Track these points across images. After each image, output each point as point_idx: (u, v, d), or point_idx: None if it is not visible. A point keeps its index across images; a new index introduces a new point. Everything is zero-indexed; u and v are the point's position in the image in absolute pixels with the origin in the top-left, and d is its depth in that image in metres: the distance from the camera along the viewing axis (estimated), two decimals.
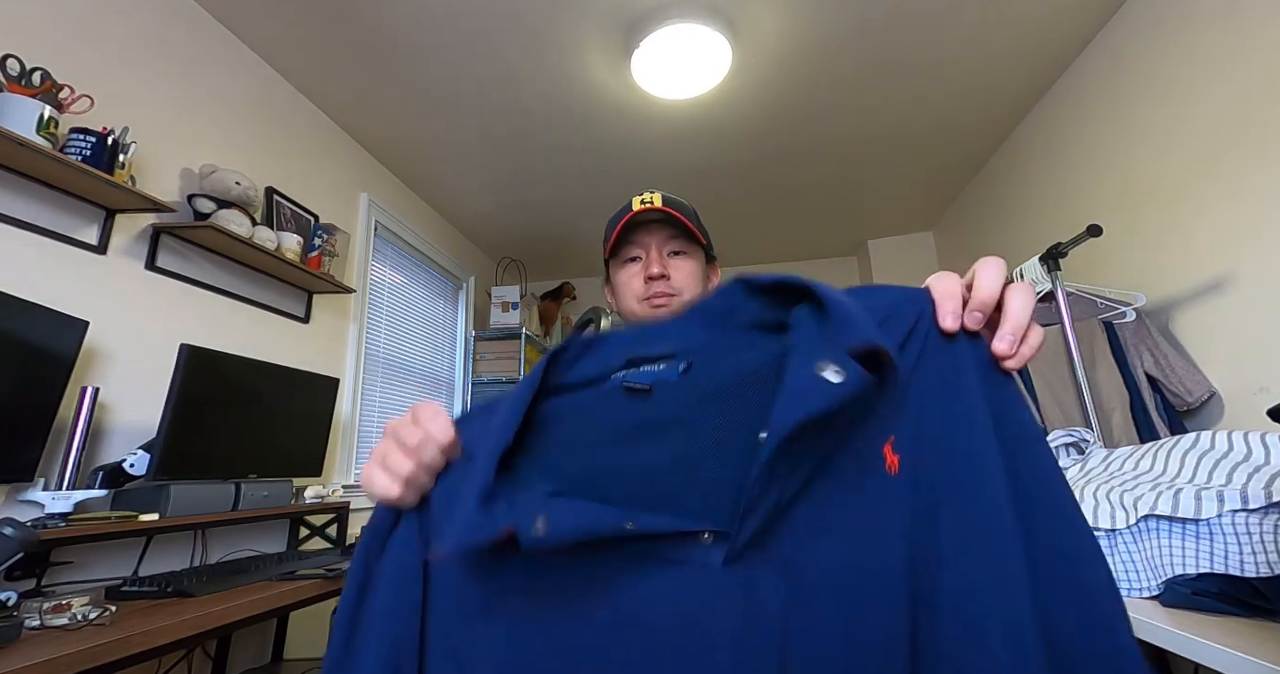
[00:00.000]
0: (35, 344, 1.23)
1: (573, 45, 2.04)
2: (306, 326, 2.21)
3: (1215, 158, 1.59)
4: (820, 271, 4.05)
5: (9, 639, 0.85)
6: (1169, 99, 1.74)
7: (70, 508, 1.27)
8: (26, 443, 1.22)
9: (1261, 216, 1.46)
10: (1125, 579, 0.98)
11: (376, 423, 2.63)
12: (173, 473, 1.44)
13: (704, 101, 2.35)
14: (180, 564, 1.59)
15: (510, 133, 2.55)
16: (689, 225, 0.76)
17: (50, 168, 1.33)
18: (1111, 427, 1.61)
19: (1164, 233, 1.78)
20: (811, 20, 1.95)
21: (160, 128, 1.69)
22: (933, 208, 3.42)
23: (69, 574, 1.33)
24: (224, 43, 1.94)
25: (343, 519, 2.05)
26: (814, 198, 3.25)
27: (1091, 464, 1.22)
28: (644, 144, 2.64)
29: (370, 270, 2.65)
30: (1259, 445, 0.95)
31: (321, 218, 2.30)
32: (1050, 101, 2.34)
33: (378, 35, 1.97)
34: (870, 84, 2.28)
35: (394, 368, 2.81)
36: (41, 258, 1.37)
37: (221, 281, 1.85)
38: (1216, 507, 0.90)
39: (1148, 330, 1.70)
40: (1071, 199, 2.24)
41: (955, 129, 2.60)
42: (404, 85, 2.23)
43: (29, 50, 1.36)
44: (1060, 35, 2.04)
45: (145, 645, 0.94)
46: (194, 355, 1.50)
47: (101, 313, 1.45)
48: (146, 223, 1.62)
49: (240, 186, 1.74)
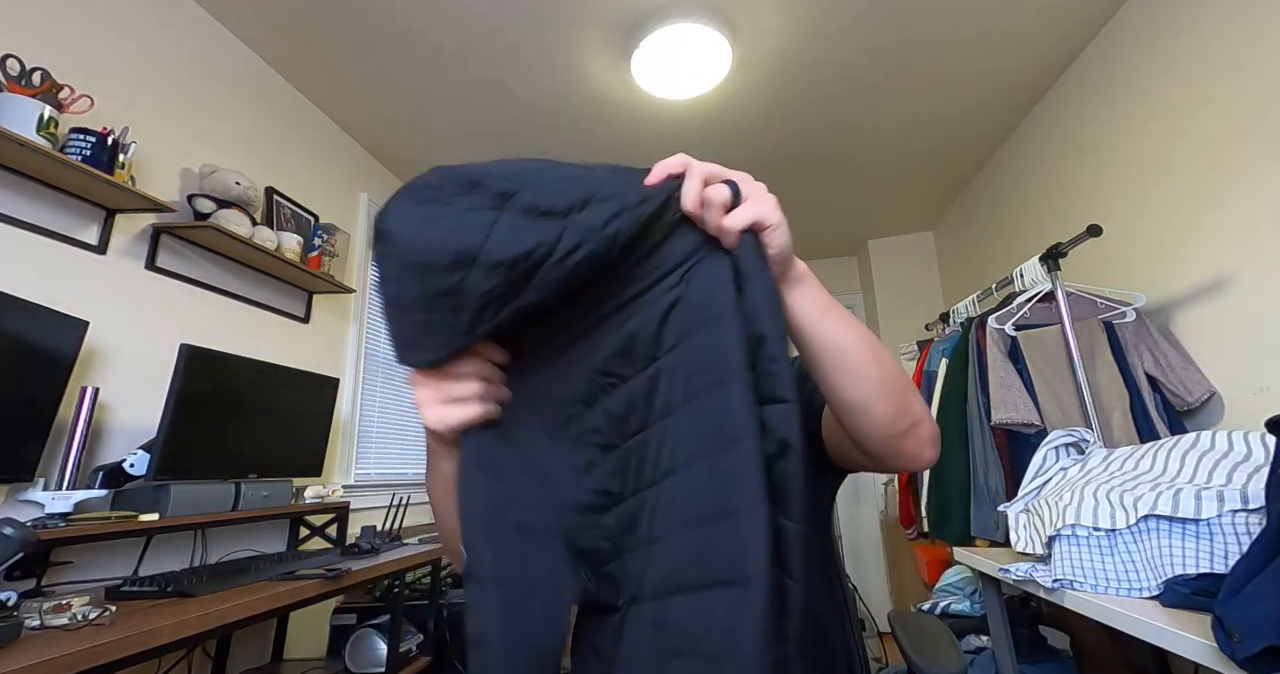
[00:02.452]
0: (35, 344, 1.23)
1: (573, 45, 2.04)
2: (306, 326, 2.21)
3: (1216, 158, 1.59)
4: (820, 271, 3.97)
5: (9, 639, 0.85)
6: (1170, 99, 1.74)
7: (70, 508, 1.27)
8: (26, 443, 1.22)
9: (1262, 217, 1.46)
10: (1125, 579, 0.98)
11: (376, 423, 2.63)
12: (173, 473, 1.44)
13: (704, 101, 2.35)
14: (180, 564, 1.59)
15: (511, 132, 2.55)
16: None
17: (50, 168, 1.33)
18: (1111, 427, 1.61)
19: (1164, 233, 1.78)
20: (811, 20, 1.95)
21: (160, 128, 1.69)
22: (933, 208, 3.42)
23: (69, 574, 1.33)
24: (224, 43, 1.94)
25: (343, 519, 2.05)
26: (814, 197, 3.25)
27: (1091, 464, 1.22)
28: (644, 144, 2.64)
29: (370, 270, 2.65)
30: (1259, 445, 0.95)
31: (321, 218, 2.30)
32: (1050, 101, 2.34)
33: (378, 36, 1.97)
34: (870, 83, 2.28)
35: (394, 368, 2.80)
36: (41, 258, 1.37)
37: (221, 281, 1.85)
38: (1216, 507, 0.90)
39: (1148, 330, 1.70)
40: (1071, 199, 2.24)
41: (956, 128, 2.60)
42: (404, 85, 2.23)
43: (29, 50, 1.36)
44: (1060, 35, 2.04)
45: (145, 645, 0.94)
46: (194, 355, 1.50)
47: (101, 313, 1.45)
48: (146, 223, 1.62)
49: (240, 186, 1.74)
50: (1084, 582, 1.01)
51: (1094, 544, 1.02)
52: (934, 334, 2.57)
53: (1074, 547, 1.04)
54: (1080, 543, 1.03)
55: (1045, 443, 1.33)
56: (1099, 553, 1.01)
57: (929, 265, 3.65)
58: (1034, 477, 1.31)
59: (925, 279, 3.62)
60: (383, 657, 1.76)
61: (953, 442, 1.88)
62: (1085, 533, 1.03)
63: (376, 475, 2.57)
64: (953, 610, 1.96)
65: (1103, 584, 0.99)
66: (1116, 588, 0.98)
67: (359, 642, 1.80)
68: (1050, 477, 1.28)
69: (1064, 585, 1.04)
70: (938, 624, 1.28)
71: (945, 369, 2.01)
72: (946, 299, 3.46)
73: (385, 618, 1.87)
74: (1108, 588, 0.99)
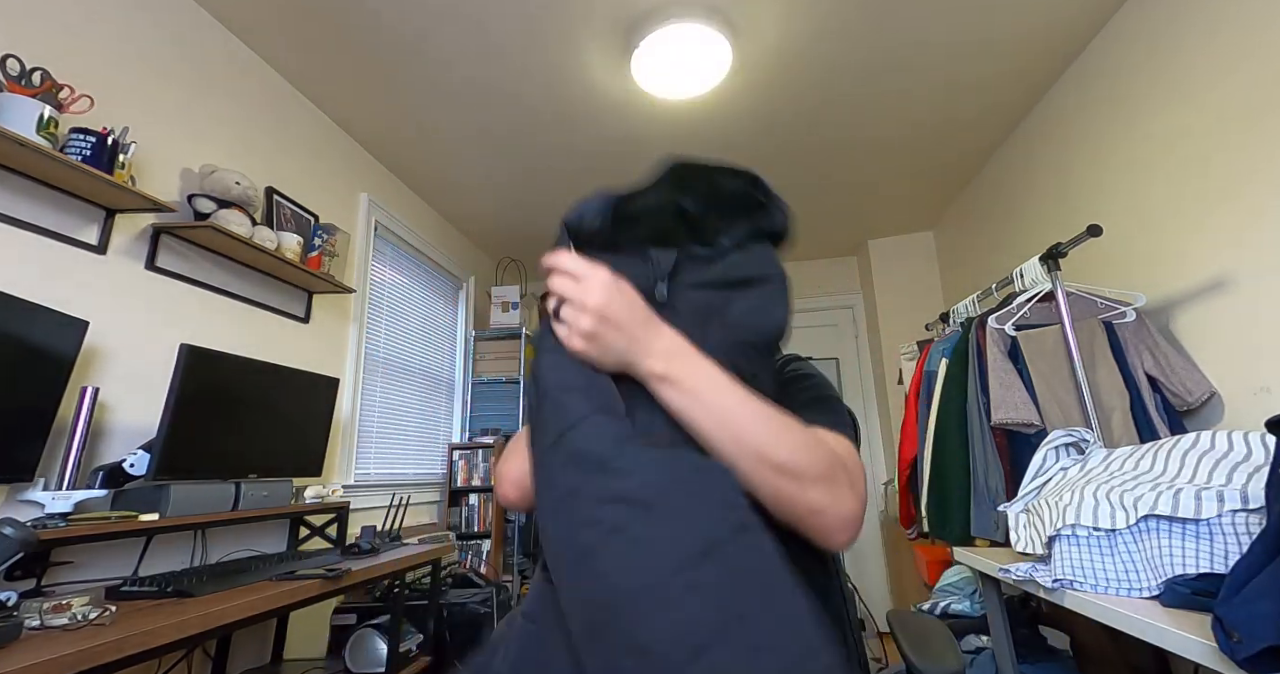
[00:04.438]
0: (35, 344, 1.23)
1: (573, 45, 2.04)
2: (306, 326, 2.21)
3: (1216, 158, 1.59)
4: (820, 271, 4.05)
5: (9, 639, 0.85)
6: (1170, 99, 1.74)
7: (70, 508, 1.27)
8: (26, 443, 1.22)
9: (1262, 217, 1.46)
10: (1125, 579, 0.98)
11: (376, 423, 2.63)
12: (173, 473, 1.44)
13: (704, 101, 2.35)
14: (180, 564, 1.59)
15: (510, 132, 2.55)
16: None
17: (50, 168, 1.33)
18: (1111, 427, 1.61)
19: (1164, 233, 1.78)
20: (811, 20, 1.95)
21: (160, 128, 1.69)
22: (933, 208, 3.42)
23: (69, 574, 1.33)
24: (224, 43, 1.94)
25: (343, 519, 2.05)
26: (814, 197, 3.25)
27: (1092, 464, 1.22)
28: (644, 144, 2.64)
29: (370, 270, 2.65)
30: (1259, 445, 0.95)
31: (321, 218, 2.30)
32: (1050, 101, 2.34)
33: (377, 35, 1.97)
34: (870, 83, 2.28)
35: (394, 368, 2.81)
36: (41, 258, 1.37)
37: (221, 281, 1.85)
38: (1216, 507, 0.90)
39: (1148, 330, 1.70)
40: (1071, 199, 2.24)
41: (956, 128, 2.60)
42: (404, 85, 2.23)
43: (29, 50, 1.36)
44: (1060, 36, 2.04)
45: (145, 645, 0.94)
46: (194, 355, 1.50)
47: (101, 313, 1.45)
48: (146, 223, 1.62)
49: (240, 186, 1.74)
50: (1084, 582, 1.01)
51: (1094, 544, 1.02)
52: (934, 334, 2.57)
53: (1074, 547, 1.04)
54: (1080, 543, 1.03)
55: (1045, 443, 1.33)
56: (1099, 553, 1.01)
57: (929, 265, 3.64)
58: (1034, 477, 1.31)
59: (925, 279, 3.62)
60: (383, 657, 1.77)
61: (953, 442, 1.88)
62: (1085, 533, 1.03)
63: (376, 475, 2.57)
64: (953, 610, 1.96)
65: (1103, 584, 0.99)
66: (1116, 588, 0.98)
67: (359, 642, 1.81)
68: (1050, 477, 1.28)
69: (1064, 585, 1.04)
70: (937, 624, 1.28)
71: (945, 369, 2.01)
72: (946, 299, 3.46)
73: (385, 618, 1.87)
74: (1108, 588, 0.99)
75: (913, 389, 2.32)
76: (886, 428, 3.55)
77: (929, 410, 2.04)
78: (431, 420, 3.12)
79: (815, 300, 4.03)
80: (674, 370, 0.49)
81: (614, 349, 0.49)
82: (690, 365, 0.49)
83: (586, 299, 0.49)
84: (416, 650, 1.94)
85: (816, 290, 4.04)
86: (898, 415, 3.23)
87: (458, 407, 3.36)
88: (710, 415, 0.48)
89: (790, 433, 0.49)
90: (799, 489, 0.47)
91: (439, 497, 3.08)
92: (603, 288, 0.49)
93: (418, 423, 2.98)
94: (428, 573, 2.16)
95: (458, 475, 3.10)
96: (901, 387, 2.75)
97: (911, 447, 2.23)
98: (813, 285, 4.04)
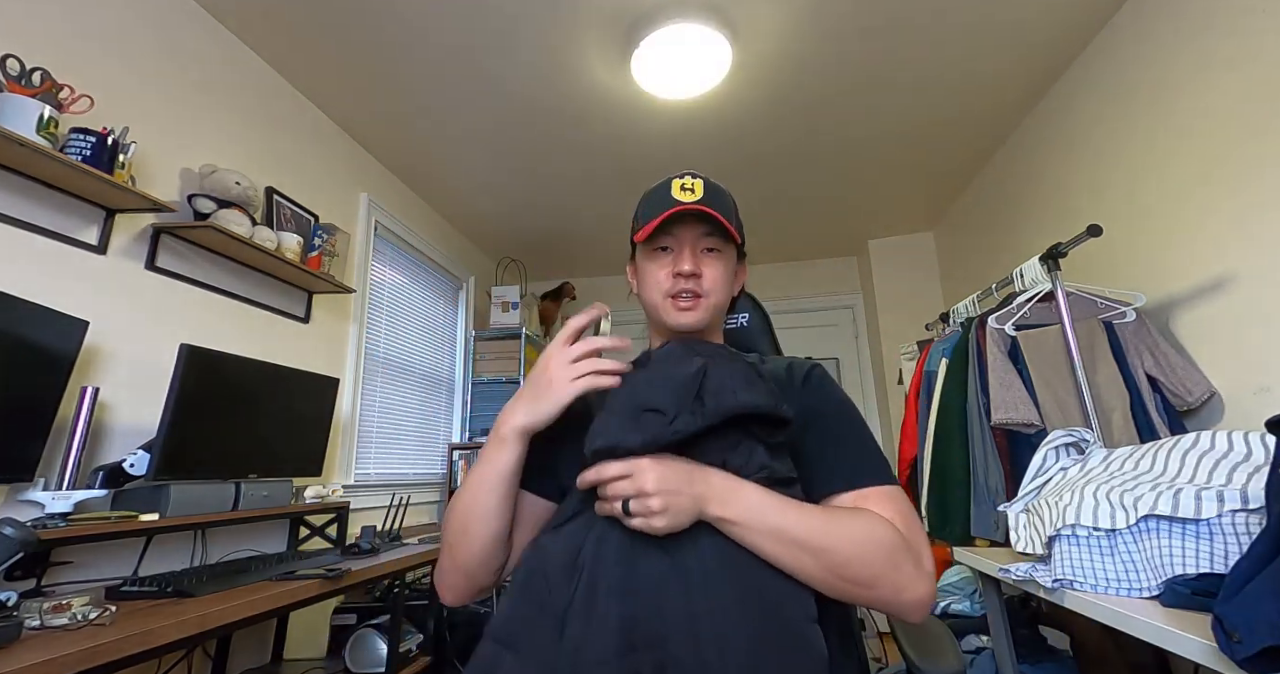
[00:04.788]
0: (35, 344, 1.23)
1: (573, 45, 2.04)
2: (306, 326, 2.21)
3: (1216, 158, 1.59)
4: (820, 271, 4.06)
5: (9, 639, 0.85)
6: (1170, 99, 1.74)
7: (70, 508, 1.27)
8: (26, 443, 1.22)
9: (1262, 217, 1.46)
10: (1125, 579, 0.98)
11: (376, 423, 2.63)
12: (173, 473, 1.44)
13: (704, 101, 2.35)
14: (180, 564, 1.59)
15: (510, 133, 2.55)
16: (727, 225, 0.73)
17: (50, 168, 1.33)
18: (1111, 427, 1.61)
19: (1164, 233, 1.78)
20: (811, 20, 1.95)
21: (160, 128, 1.69)
22: (933, 208, 3.42)
23: (69, 574, 1.33)
24: (224, 43, 1.94)
25: (343, 519, 2.05)
26: (814, 197, 3.25)
27: (1092, 464, 1.22)
28: (644, 144, 2.65)
29: (370, 270, 2.65)
30: (1259, 445, 0.95)
31: (321, 218, 2.30)
32: (1050, 101, 2.34)
33: (377, 35, 1.98)
34: (870, 83, 2.28)
35: (394, 368, 2.81)
36: (41, 258, 1.37)
37: (221, 281, 1.85)
38: (1216, 507, 0.90)
39: (1148, 330, 1.70)
40: (1072, 199, 2.24)
41: (956, 128, 2.60)
42: (404, 85, 2.23)
43: (29, 50, 1.36)
44: (1061, 35, 2.04)
45: (145, 645, 0.94)
46: (194, 355, 1.50)
47: (102, 313, 1.45)
48: (146, 223, 1.62)
49: (240, 186, 1.74)
50: (1084, 582, 1.01)
51: (1094, 544, 1.02)
52: (934, 334, 2.57)
53: (1074, 546, 1.04)
54: (1080, 543, 1.03)
55: (1045, 443, 1.33)
56: (1099, 553, 1.01)
57: (929, 265, 3.64)
58: (1034, 476, 1.30)
59: (925, 279, 3.62)
60: (383, 657, 1.77)
61: (953, 442, 1.88)
62: (1085, 533, 1.03)
63: (376, 475, 2.57)
64: (953, 610, 1.96)
65: (1103, 584, 0.99)
66: (1116, 588, 0.98)
67: (359, 642, 1.81)
68: (1050, 476, 1.28)
69: (1064, 585, 1.04)
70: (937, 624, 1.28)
71: (945, 369, 2.01)
72: (946, 299, 3.46)
73: (385, 618, 1.87)
74: (1108, 588, 0.99)
75: (913, 389, 2.32)
76: (886, 428, 3.55)
77: (929, 410, 2.04)
78: (431, 420, 3.12)
79: (815, 300, 4.03)
80: (729, 511, 0.56)
81: (685, 511, 0.55)
82: (741, 502, 0.57)
83: (645, 486, 0.55)
84: (416, 650, 1.94)
85: (816, 290, 4.03)
86: (898, 415, 3.23)
87: (458, 407, 3.36)
88: (768, 541, 0.56)
89: (840, 528, 0.57)
90: (866, 590, 0.56)
91: (439, 497, 3.08)
92: (651, 469, 0.56)
93: (418, 423, 2.98)
94: (427, 573, 2.16)
95: (458, 475, 3.10)
96: (901, 387, 2.75)
97: (911, 447, 2.23)
98: (813, 285, 4.04)
